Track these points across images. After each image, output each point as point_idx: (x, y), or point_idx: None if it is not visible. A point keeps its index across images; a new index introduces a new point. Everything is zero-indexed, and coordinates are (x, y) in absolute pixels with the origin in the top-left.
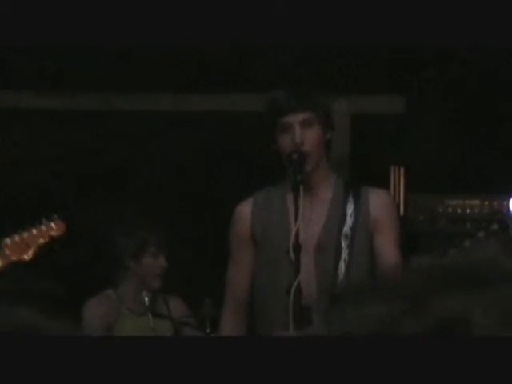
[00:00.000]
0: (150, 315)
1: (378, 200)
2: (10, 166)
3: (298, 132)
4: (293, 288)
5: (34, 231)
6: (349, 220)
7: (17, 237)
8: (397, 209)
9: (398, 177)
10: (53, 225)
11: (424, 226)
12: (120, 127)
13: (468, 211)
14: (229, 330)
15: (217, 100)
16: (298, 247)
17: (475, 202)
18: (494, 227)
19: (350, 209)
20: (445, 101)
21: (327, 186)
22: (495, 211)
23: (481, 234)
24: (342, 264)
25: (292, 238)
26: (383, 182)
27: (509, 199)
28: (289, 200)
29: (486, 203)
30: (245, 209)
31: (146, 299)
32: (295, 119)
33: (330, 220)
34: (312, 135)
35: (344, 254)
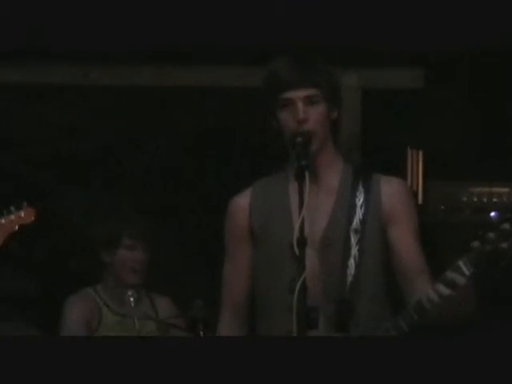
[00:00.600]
0: (136, 319)
1: (392, 189)
2: None
3: (301, 108)
4: (297, 286)
5: (3, 221)
6: (358, 212)
7: None
8: (414, 198)
9: (416, 161)
10: (22, 213)
11: (445, 217)
12: (100, 103)
13: (495, 200)
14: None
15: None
16: (304, 241)
17: (503, 190)
18: None
19: (360, 199)
20: (470, 75)
21: (333, 173)
22: None
23: (506, 226)
24: (352, 261)
25: (296, 231)
26: (399, 168)
27: None
28: (291, 188)
29: None
30: (242, 200)
31: (132, 299)
32: (297, 95)
33: (337, 212)
34: (316, 114)
35: (354, 251)
